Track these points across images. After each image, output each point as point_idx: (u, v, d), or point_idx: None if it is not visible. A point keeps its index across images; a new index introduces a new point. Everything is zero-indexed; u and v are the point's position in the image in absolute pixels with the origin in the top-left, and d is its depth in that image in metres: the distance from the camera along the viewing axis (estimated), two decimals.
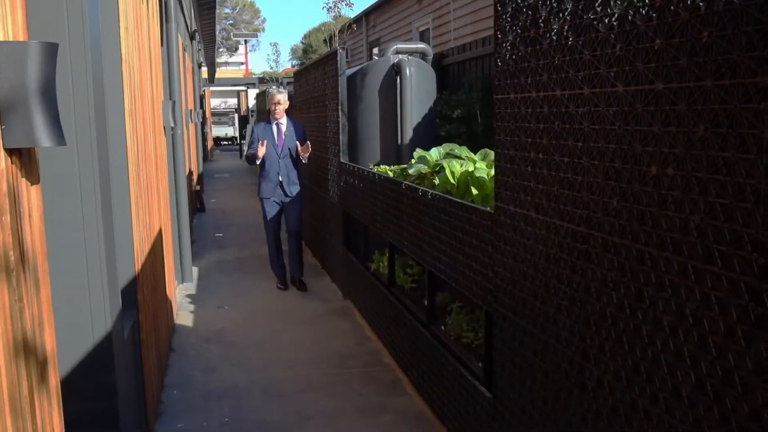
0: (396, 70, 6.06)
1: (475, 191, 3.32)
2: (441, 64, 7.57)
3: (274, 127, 6.34)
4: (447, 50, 8.03)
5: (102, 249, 2.41)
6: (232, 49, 46.19)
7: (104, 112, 2.57)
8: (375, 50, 16.57)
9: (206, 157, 21.22)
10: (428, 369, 3.86)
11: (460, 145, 6.46)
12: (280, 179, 6.29)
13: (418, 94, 6.08)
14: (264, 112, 15.22)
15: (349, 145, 6.03)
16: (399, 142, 6.10)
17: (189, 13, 12.20)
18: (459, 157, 3.97)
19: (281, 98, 6.30)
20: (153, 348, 3.81)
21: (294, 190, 6.40)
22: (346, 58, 7.97)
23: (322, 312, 5.64)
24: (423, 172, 3.96)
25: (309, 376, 4.30)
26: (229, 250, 8.33)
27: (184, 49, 10.00)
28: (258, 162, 6.24)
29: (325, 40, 21.79)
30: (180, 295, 6.16)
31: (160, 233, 4.54)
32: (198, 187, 11.92)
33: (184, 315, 5.57)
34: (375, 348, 4.82)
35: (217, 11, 16.56)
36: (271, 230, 6.51)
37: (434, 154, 4.12)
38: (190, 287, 6.48)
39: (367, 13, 15.88)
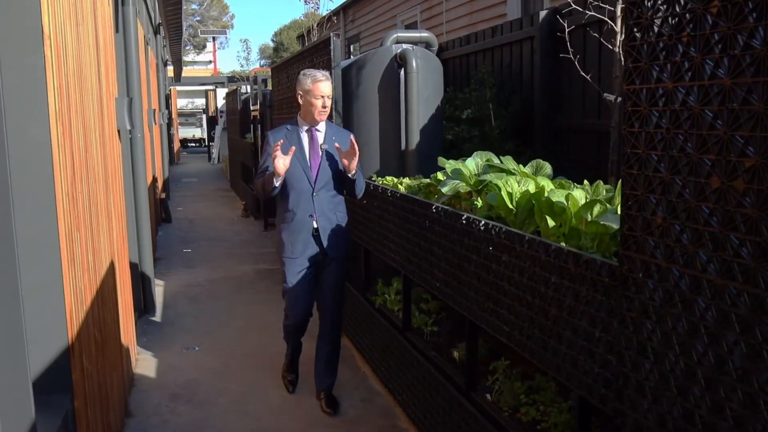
0: (399, 62, 5.10)
1: (550, 222, 2.37)
2: (440, 58, 6.64)
3: (305, 136, 3.73)
4: (446, 42, 7.11)
5: None
6: (200, 47, 44.61)
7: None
8: (352, 48, 15.60)
9: (172, 160, 20.04)
10: None
11: (474, 150, 5.55)
12: (316, 225, 3.69)
13: (425, 90, 5.13)
14: (234, 113, 14.07)
15: None
16: (403, 147, 5.14)
17: (152, 5, 11.10)
18: (506, 171, 3.03)
19: (330, 87, 3.69)
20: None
21: (339, 241, 3.77)
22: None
23: (313, 353, 4.64)
24: (461, 190, 3.00)
25: None
26: (198, 269, 7.28)
27: (146, 43, 8.93)
28: (275, 191, 3.61)
29: (298, 37, 20.75)
30: (141, 331, 5.11)
31: (111, 267, 3.52)
32: (163, 195, 10.81)
33: (145, 361, 4.53)
34: (387, 407, 3.85)
35: (184, 7, 15.45)
36: (297, 314, 3.81)
37: (471, 165, 3.17)
38: (153, 321, 5.43)
39: (344, 7, 14.86)
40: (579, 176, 3.11)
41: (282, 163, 3.47)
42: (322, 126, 3.76)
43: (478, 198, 2.99)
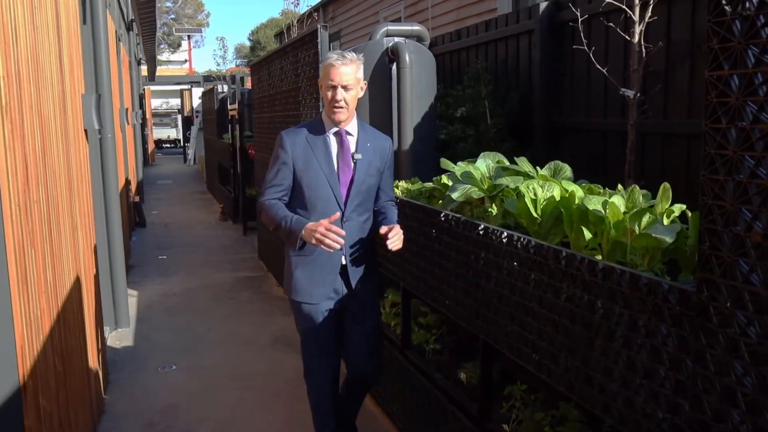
0: (390, 56, 4.77)
1: (587, 234, 2.05)
2: None
3: (333, 142, 2.78)
4: (435, 38, 6.79)
5: None
6: (174, 46, 43.79)
7: None
8: (332, 46, 15.21)
9: (146, 161, 19.51)
10: None
11: (469, 151, 5.24)
12: (345, 261, 2.80)
13: (419, 87, 4.81)
14: (211, 113, 13.57)
15: None
16: (395, 147, 4.80)
17: (125, 0, 10.64)
18: (522, 174, 2.71)
19: (347, 73, 2.66)
20: None
21: (372, 278, 2.93)
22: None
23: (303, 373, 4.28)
24: (474, 196, 2.67)
25: None
26: (174, 278, 6.87)
27: (118, 38, 8.50)
28: (298, 246, 2.63)
29: (276, 35, 20.34)
30: (112, 349, 4.71)
31: (77, 283, 3.14)
32: (137, 198, 10.38)
33: (116, 384, 4.14)
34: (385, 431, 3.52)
35: (158, 4, 14.99)
36: (323, 369, 2.93)
37: (482, 167, 2.85)
38: (126, 335, 5.04)
39: (324, 4, 14.48)
40: (584, 179, 2.83)
41: (318, 238, 2.53)
42: (353, 127, 2.80)
43: (492, 205, 2.67)
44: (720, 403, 1.40)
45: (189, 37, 35.00)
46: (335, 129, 2.76)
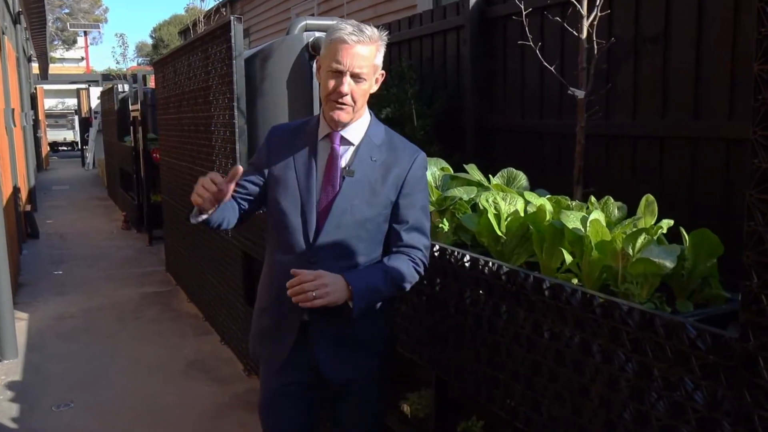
0: (311, 52, 4.38)
1: (568, 257, 1.76)
2: None
3: (321, 149, 1.92)
4: None
5: None
6: (70, 42, 41.34)
7: None
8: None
9: (40, 166, 18.19)
10: None
11: None
12: (307, 317, 1.89)
13: None
14: (111, 113, 12.64)
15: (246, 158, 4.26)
16: None
17: None
18: (474, 184, 2.40)
19: (363, 56, 1.82)
20: None
21: (363, 352, 1.93)
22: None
23: (222, 402, 3.83)
24: None
25: None
26: (72, 296, 6.19)
27: (2, 32, 7.69)
28: (193, 215, 1.88)
29: (180, 33, 19.44)
30: None
31: None
32: (28, 207, 9.48)
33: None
34: None
35: None
36: None
37: (428, 175, 2.52)
38: (13, 368, 4.41)
39: (232, 0, 13.87)
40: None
41: (200, 193, 1.76)
42: (355, 132, 1.93)
43: (443, 219, 2.34)
44: None
45: (86, 33, 33.08)
46: (328, 131, 1.92)
